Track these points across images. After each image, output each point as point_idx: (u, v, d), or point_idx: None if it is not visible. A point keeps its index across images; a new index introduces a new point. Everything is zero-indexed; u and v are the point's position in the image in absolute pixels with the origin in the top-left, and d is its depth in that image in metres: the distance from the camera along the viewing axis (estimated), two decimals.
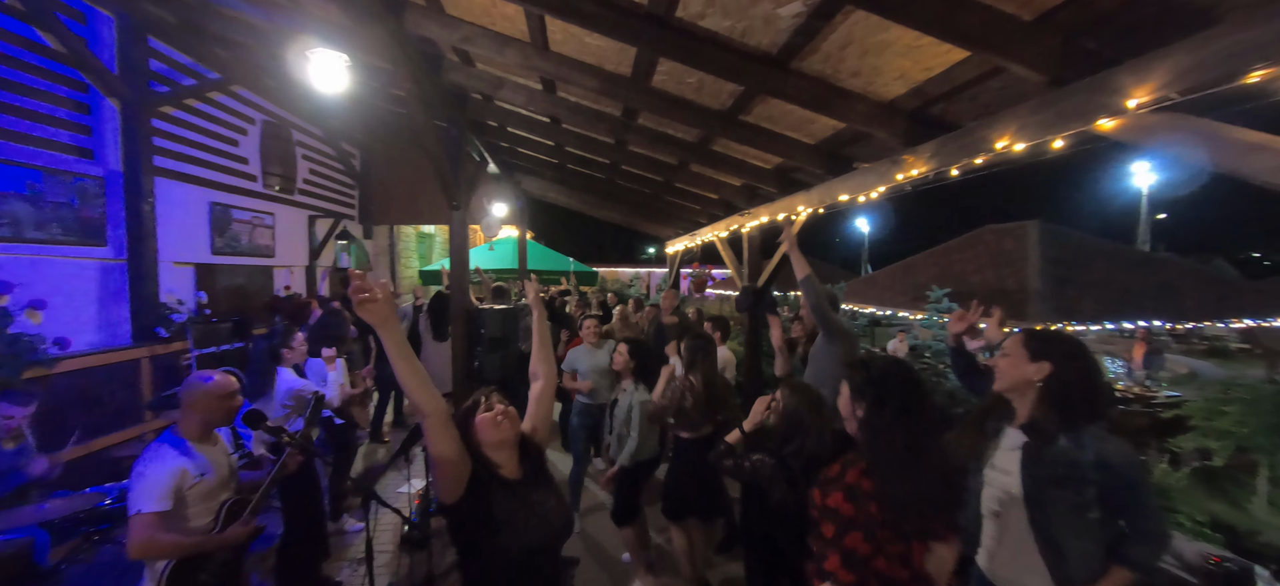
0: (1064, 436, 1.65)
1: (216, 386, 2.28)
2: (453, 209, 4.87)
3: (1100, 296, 7.59)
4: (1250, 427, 6.00)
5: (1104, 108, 1.81)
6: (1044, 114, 2.05)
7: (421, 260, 12.94)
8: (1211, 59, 1.52)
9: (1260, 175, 1.45)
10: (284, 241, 7.54)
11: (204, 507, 2.20)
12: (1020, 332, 1.83)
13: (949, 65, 2.45)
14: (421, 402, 1.46)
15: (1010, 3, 1.99)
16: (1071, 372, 1.69)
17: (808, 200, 4.01)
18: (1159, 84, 1.66)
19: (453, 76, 4.52)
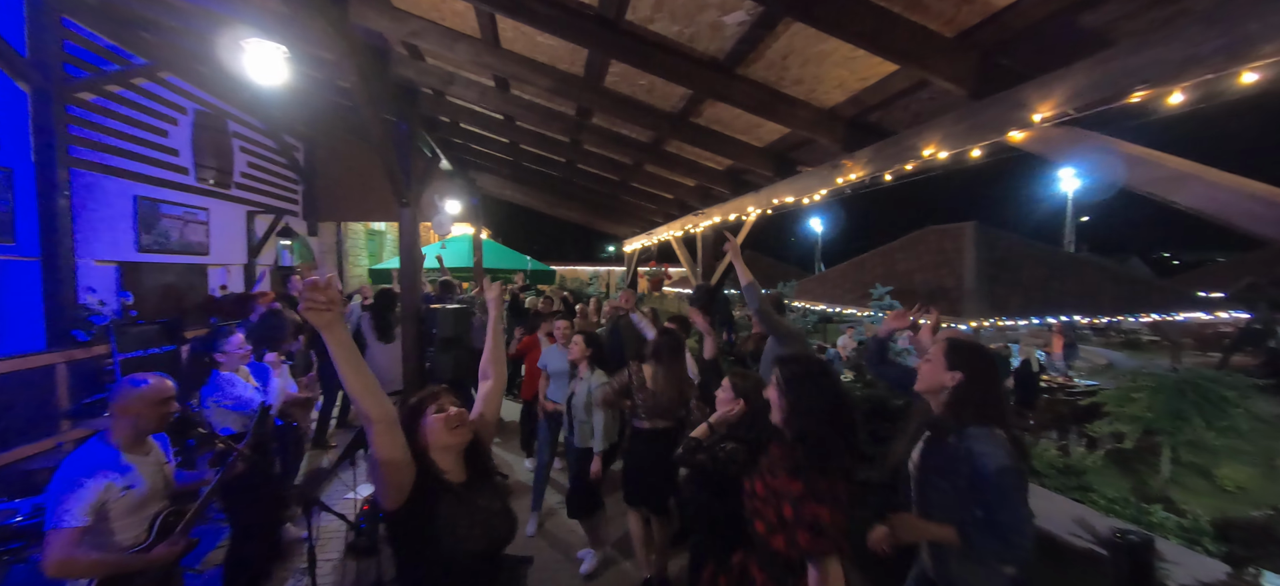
0: (953, 434, 1.81)
1: (149, 391, 2.16)
2: (402, 206, 4.75)
3: (1027, 294, 8.13)
4: (1156, 412, 6.59)
5: (1014, 121, 1.97)
6: (964, 125, 2.21)
7: (371, 258, 12.50)
8: (1103, 79, 1.69)
9: (1142, 185, 1.62)
10: (220, 238, 7.14)
11: (133, 521, 2.08)
12: (944, 342, 1.97)
13: (882, 76, 2.60)
14: (368, 408, 1.42)
15: (934, 20, 2.14)
16: (978, 383, 1.84)
17: (757, 201, 4.14)
18: (1059, 100, 1.82)
19: (402, 70, 4.41)
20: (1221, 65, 1.39)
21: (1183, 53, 1.48)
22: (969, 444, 1.75)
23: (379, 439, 1.44)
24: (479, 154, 7.40)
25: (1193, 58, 1.45)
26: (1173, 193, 1.54)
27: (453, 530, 1.55)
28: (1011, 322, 7.95)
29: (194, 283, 6.84)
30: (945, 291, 8.40)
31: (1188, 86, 1.49)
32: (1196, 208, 1.48)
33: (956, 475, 1.76)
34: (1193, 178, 1.49)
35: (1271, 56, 1.31)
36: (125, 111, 5.64)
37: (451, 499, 1.60)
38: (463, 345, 5.26)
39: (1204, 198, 1.46)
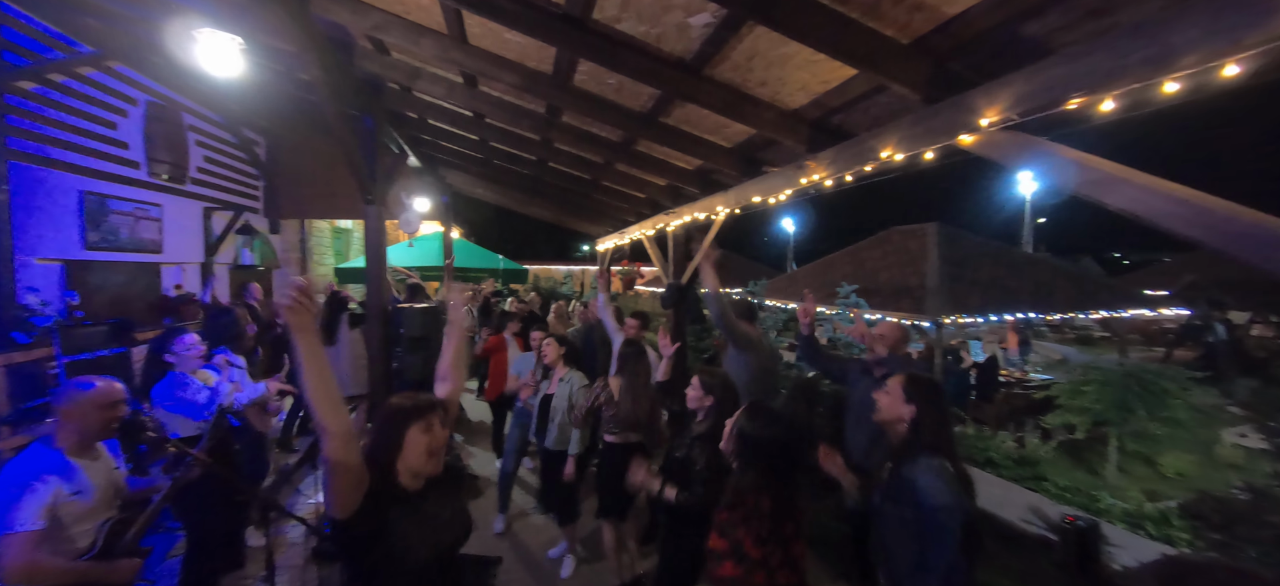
0: (907, 467, 1.94)
1: (97, 394, 2.08)
2: (367, 203, 4.65)
3: (986, 292, 8.44)
4: (1103, 404, 6.93)
5: (963, 125, 2.05)
6: (918, 128, 2.29)
7: (338, 257, 12.18)
8: (1042, 86, 1.78)
9: (1079, 187, 1.71)
10: (174, 236, 6.86)
11: (80, 529, 2.00)
12: (900, 376, 2.13)
13: (842, 79, 2.67)
14: (328, 420, 1.40)
15: (890, 27, 2.21)
16: (929, 415, 1.99)
17: (726, 201, 4.19)
18: (1003, 106, 1.91)
19: (366, 64, 4.32)
20: (1147, 75, 1.48)
21: (1112, 62, 1.57)
22: (916, 475, 1.88)
23: (336, 450, 1.41)
24: (448, 151, 7.28)
25: (1121, 67, 1.54)
26: (1105, 195, 1.63)
27: (405, 538, 1.54)
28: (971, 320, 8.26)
29: (147, 282, 6.55)
30: (909, 289, 8.65)
31: (1117, 95, 1.58)
32: (1126, 209, 1.57)
33: (904, 505, 1.89)
34: (1122, 181, 1.59)
35: (1191, 67, 1.40)
36: (70, 102, 5.37)
37: (404, 507, 1.58)
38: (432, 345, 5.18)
39: (1132, 199, 1.56)
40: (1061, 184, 1.79)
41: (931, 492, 1.81)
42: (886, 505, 1.98)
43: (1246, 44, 1.31)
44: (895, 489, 1.95)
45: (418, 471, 1.61)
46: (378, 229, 4.80)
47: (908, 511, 1.86)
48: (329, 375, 1.41)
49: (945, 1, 2.00)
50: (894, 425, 2.07)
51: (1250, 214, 1.36)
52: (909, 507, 1.86)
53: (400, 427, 1.60)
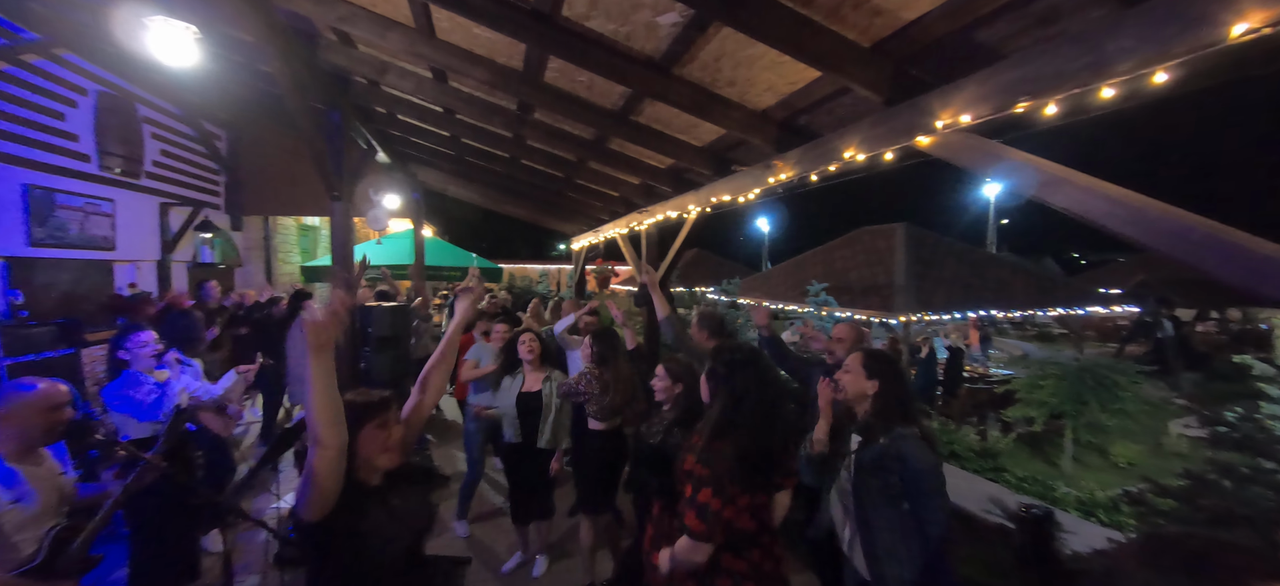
0: (884, 436, 2.01)
1: (38, 397, 1.99)
2: (333, 199, 4.54)
3: (950, 290, 8.71)
4: (1060, 397, 7.23)
5: (921, 127, 2.12)
6: (879, 129, 2.36)
7: (304, 255, 11.85)
8: (993, 91, 1.85)
9: (1026, 188, 1.79)
10: (128, 232, 6.58)
11: (23, 538, 1.91)
12: (858, 354, 2.20)
13: (808, 81, 2.72)
14: (329, 436, 1.40)
15: (851, 30, 2.27)
16: (892, 387, 2.08)
17: (697, 199, 4.23)
18: (957, 109, 1.98)
19: (332, 57, 4.22)
20: (1086, 80, 1.56)
21: (1055, 68, 1.64)
22: (899, 444, 1.95)
23: (327, 463, 1.42)
24: (419, 147, 7.16)
25: (1064, 73, 1.62)
26: (1050, 194, 1.71)
27: (375, 533, 1.55)
28: (936, 317, 8.51)
29: (98, 281, 6.28)
30: (877, 288, 8.87)
31: (1060, 99, 1.66)
32: (1068, 208, 1.65)
33: (889, 473, 1.95)
34: (1065, 181, 1.67)
35: (1126, 73, 1.48)
36: (13, 90, 5.11)
37: (372, 502, 1.59)
38: (400, 345, 5.09)
39: (1073, 199, 1.63)
40: (1011, 184, 1.86)
41: (918, 456, 1.89)
42: (865, 478, 2.02)
43: (1174, 52, 1.39)
44: (874, 460, 2.00)
45: (376, 466, 1.62)
46: (344, 226, 4.69)
47: (892, 479, 1.92)
48: (336, 392, 1.42)
49: (903, 7, 2.06)
50: (859, 402, 2.14)
51: (1180, 214, 1.44)
52: (894, 475, 1.92)
53: (354, 426, 1.57)
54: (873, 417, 2.07)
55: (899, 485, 1.91)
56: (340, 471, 1.47)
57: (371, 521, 1.55)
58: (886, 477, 1.94)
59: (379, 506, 1.59)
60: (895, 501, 1.93)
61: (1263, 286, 1.32)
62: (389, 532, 1.57)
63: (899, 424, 1.99)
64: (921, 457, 1.90)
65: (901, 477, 1.91)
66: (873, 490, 1.99)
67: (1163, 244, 1.46)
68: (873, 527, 1.99)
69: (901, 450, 1.92)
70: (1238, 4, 1.25)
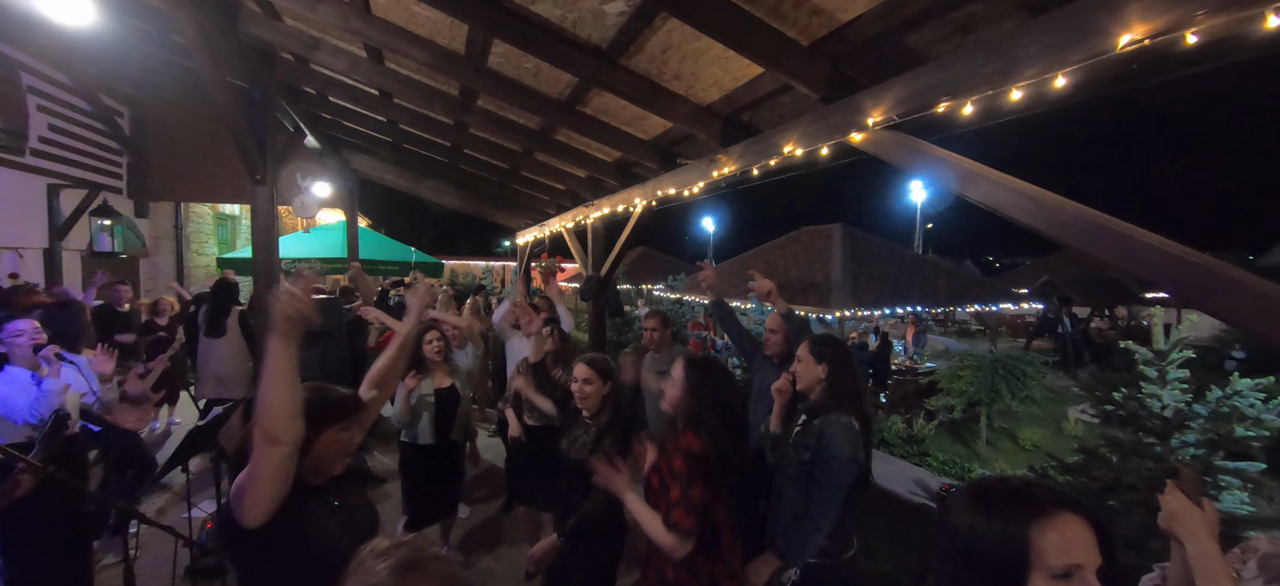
0: (819, 417, 2.04)
1: None
2: (256, 183, 4.23)
3: (881, 288, 9.21)
4: (976, 387, 7.82)
5: (854, 124, 2.23)
6: (816, 126, 2.46)
7: (222, 246, 10.96)
8: (917, 91, 1.98)
9: (944, 182, 1.92)
10: (8, 215, 5.85)
11: None
12: (808, 341, 2.20)
13: (751, 77, 2.80)
14: (282, 431, 1.27)
15: (791, 28, 2.35)
16: (840, 371, 2.09)
17: (643, 192, 4.26)
18: (886, 108, 2.10)
19: (254, 29, 3.93)
20: (998, 83, 1.70)
21: (971, 72, 1.78)
22: (824, 426, 1.98)
23: (280, 464, 1.29)
24: (353, 132, 6.79)
25: (977, 77, 1.75)
26: (967, 189, 1.85)
27: (321, 535, 1.44)
28: (869, 313, 8.99)
29: None
30: (816, 285, 9.26)
31: (975, 100, 1.79)
32: (983, 201, 1.79)
33: (804, 450, 2.00)
34: (981, 177, 1.81)
35: (1032, 78, 1.62)
36: None
37: (317, 502, 1.48)
38: (331, 340, 4.82)
39: (987, 193, 1.78)
40: (935, 179, 1.99)
41: (832, 443, 1.93)
42: (789, 450, 2.08)
43: (1072, 59, 1.54)
44: (800, 438, 2.05)
45: (326, 472, 1.51)
46: (268, 213, 4.39)
47: (805, 455, 1.98)
48: (297, 387, 1.30)
49: (840, 8, 2.16)
50: (812, 389, 2.12)
51: (1077, 208, 1.59)
52: (807, 452, 1.97)
53: (318, 426, 1.46)
54: (822, 400, 2.08)
55: (809, 464, 1.97)
56: (290, 472, 1.34)
57: (315, 523, 1.44)
58: (801, 453, 2.00)
59: (323, 508, 1.48)
60: (803, 479, 1.98)
61: (1142, 270, 1.49)
62: (335, 536, 1.46)
63: (836, 409, 2.01)
64: (838, 444, 1.93)
65: (813, 456, 1.95)
66: (789, 464, 2.05)
67: (1062, 233, 1.61)
68: (781, 498, 2.06)
69: (823, 431, 1.96)
70: (1124, 17, 1.39)
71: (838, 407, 2.01)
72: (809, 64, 2.41)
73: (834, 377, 2.07)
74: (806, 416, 2.13)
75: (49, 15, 2.89)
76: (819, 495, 1.93)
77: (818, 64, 2.42)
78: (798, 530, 1.95)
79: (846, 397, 2.06)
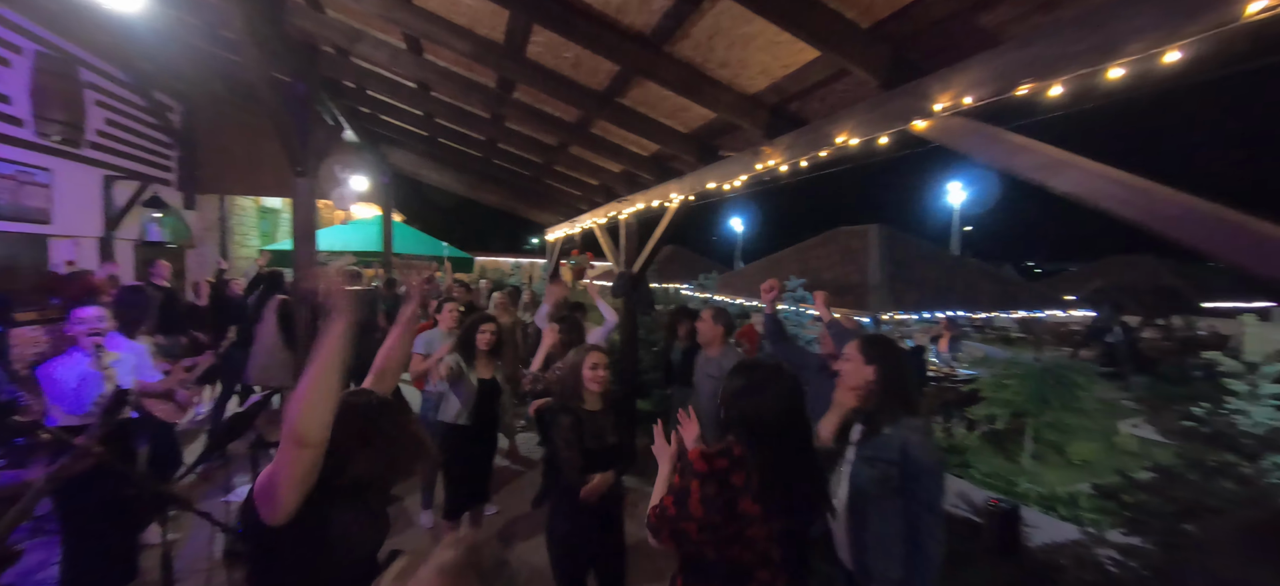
0: (888, 427, 1.90)
1: None
2: (297, 175, 4.28)
3: (921, 290, 8.89)
4: (1023, 397, 7.46)
5: (918, 111, 2.08)
6: (874, 114, 2.31)
7: (264, 238, 11.30)
8: (994, 74, 1.81)
9: (1023, 171, 1.76)
10: (66, 205, 6.10)
11: None
12: (858, 341, 2.07)
13: (802, 63, 2.66)
14: (312, 432, 1.21)
15: (851, 9, 2.21)
16: (892, 373, 1.96)
17: (681, 187, 4.15)
18: (957, 92, 1.94)
19: (299, 21, 3.97)
20: (1093, 61, 1.53)
21: (1061, 51, 1.61)
22: (903, 434, 1.84)
23: (302, 462, 1.24)
24: (391, 126, 6.88)
25: (1069, 55, 1.59)
26: (1051, 178, 1.68)
27: (342, 540, 1.41)
28: (907, 316, 8.68)
29: (31, 256, 5.80)
30: (852, 287, 8.99)
31: (1065, 80, 1.63)
32: (1072, 192, 1.63)
33: (889, 464, 1.84)
34: (1069, 165, 1.64)
35: (1134, 54, 1.45)
36: None
37: (340, 506, 1.43)
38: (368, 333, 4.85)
39: (1077, 183, 1.61)
40: (1009, 168, 1.83)
41: (921, 454, 1.79)
42: (863, 467, 1.92)
43: (1186, 32, 1.37)
44: (874, 451, 1.90)
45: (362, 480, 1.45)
46: (308, 204, 4.44)
47: (891, 471, 1.82)
48: (336, 389, 1.26)
49: None
50: (861, 391, 2.00)
51: (1185, 197, 1.42)
52: (894, 468, 1.81)
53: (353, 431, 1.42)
54: (875, 406, 1.96)
55: (897, 479, 1.83)
56: (315, 475, 1.29)
57: (338, 527, 1.40)
58: (886, 468, 1.85)
59: (346, 510, 1.43)
60: (891, 494, 1.84)
61: (1264, 266, 1.31)
62: (355, 539, 1.44)
63: (903, 412, 1.89)
64: (925, 452, 1.81)
65: (902, 471, 1.82)
66: (868, 481, 1.90)
67: (1169, 227, 1.43)
68: (864, 520, 1.91)
69: (905, 441, 1.83)
70: None
71: (903, 411, 1.88)
72: (869, 47, 2.27)
73: (886, 379, 1.94)
74: (866, 425, 1.98)
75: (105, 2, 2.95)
76: (924, 520, 1.77)
77: (878, 47, 2.27)
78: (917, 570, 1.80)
79: (902, 399, 1.94)
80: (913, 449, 1.81)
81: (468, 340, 3.45)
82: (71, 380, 2.54)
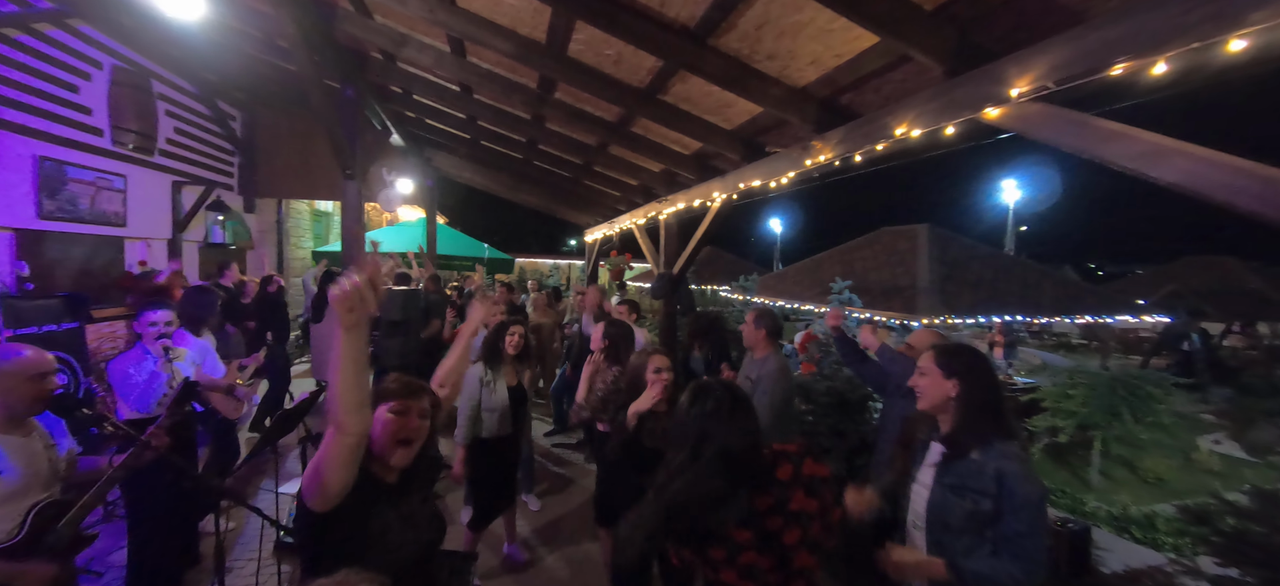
0: (976, 450, 1.67)
1: (20, 364, 1.84)
2: (346, 177, 4.40)
3: (975, 293, 8.43)
4: (1090, 408, 6.95)
5: (991, 97, 1.91)
6: (939, 102, 2.15)
7: (317, 240, 11.79)
8: (1082, 53, 1.64)
9: (1118, 160, 1.58)
10: (139, 209, 6.49)
11: (3, 512, 1.78)
12: (933, 351, 1.85)
13: (857, 52, 2.52)
14: (350, 421, 1.26)
15: None
16: (979, 387, 1.72)
17: (724, 186, 4.04)
18: (1038, 75, 1.77)
19: (348, 28, 4.07)
20: (1210, 33, 1.35)
21: (1168, 22, 1.43)
22: (998, 463, 1.61)
23: (343, 451, 1.28)
24: (434, 130, 7.02)
25: (1179, 27, 1.41)
26: (1151, 167, 1.50)
27: (383, 538, 1.42)
28: (960, 321, 8.24)
29: (108, 257, 6.20)
30: (900, 289, 8.61)
31: (1172, 56, 1.45)
32: (1177, 182, 1.44)
33: (981, 495, 1.62)
34: (1174, 152, 1.46)
35: (1261, 22, 1.27)
36: (26, 60, 5.01)
37: (385, 503, 1.46)
38: (411, 331, 4.95)
39: (1185, 172, 1.43)
40: (1101, 157, 1.65)
41: (1021, 482, 1.57)
42: (947, 496, 1.70)
43: None
44: (960, 478, 1.68)
45: (386, 456, 1.47)
46: (356, 206, 4.56)
47: (985, 503, 1.60)
48: (365, 377, 1.28)
49: None
50: (942, 408, 1.77)
51: None
52: (988, 499, 1.59)
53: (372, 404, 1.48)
54: (959, 426, 1.72)
55: (991, 511, 1.59)
56: (356, 462, 1.33)
57: (381, 523, 1.43)
58: (976, 499, 1.61)
59: (391, 508, 1.46)
60: (983, 527, 1.61)
61: None
62: (398, 538, 1.45)
63: (995, 435, 1.65)
64: (1025, 484, 1.56)
65: (996, 503, 1.58)
66: (954, 512, 1.67)
67: None
68: (951, 557, 1.65)
69: (1001, 470, 1.59)
70: None
71: (996, 434, 1.65)
72: (933, 31, 2.11)
73: (971, 395, 1.69)
74: (949, 447, 1.74)
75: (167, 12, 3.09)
76: (1024, 548, 1.53)
77: (943, 31, 2.11)
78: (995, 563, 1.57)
79: (993, 419, 1.68)
80: (1011, 480, 1.56)
81: (494, 345, 3.27)
82: (140, 377, 2.66)
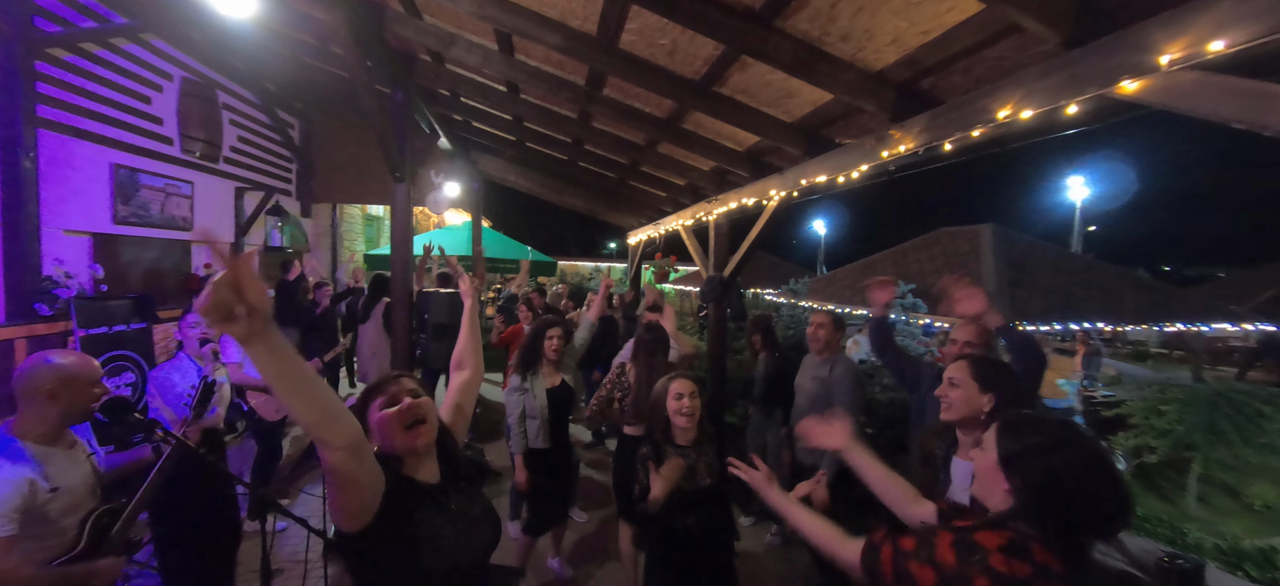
0: None
1: (67, 369, 1.80)
2: (396, 180, 4.39)
3: (1048, 298, 7.81)
4: (1186, 426, 6.25)
5: (1131, 67, 1.62)
6: (1056, 78, 1.86)
7: (368, 244, 12.14)
8: (1268, 5, 1.34)
9: None
10: (204, 214, 6.77)
11: (59, 527, 1.74)
12: (966, 361, 1.79)
13: (946, 28, 2.24)
14: (326, 433, 1.07)
15: None
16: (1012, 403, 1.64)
17: (782, 183, 3.79)
18: (1195, 39, 1.47)
19: (398, 29, 4.05)
20: None
21: None
22: None
23: (340, 464, 1.12)
24: (480, 133, 7.04)
25: None
26: None
27: (435, 542, 1.29)
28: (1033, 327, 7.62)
29: (177, 260, 6.48)
30: None
31: None
32: None
33: None
34: None
35: None
36: (103, 73, 5.27)
37: (430, 505, 1.33)
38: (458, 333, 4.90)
39: None
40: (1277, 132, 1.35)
41: None
42: None
43: None
44: None
45: (409, 449, 1.35)
46: (405, 209, 4.54)
47: None
48: (309, 384, 1.03)
49: None
50: (969, 425, 1.73)
51: None
52: None
53: (361, 411, 1.39)
54: None
55: None
56: (363, 472, 1.18)
57: (425, 527, 1.29)
58: None
59: (434, 510, 1.33)
60: None
61: None
62: (447, 543, 1.30)
63: None
64: None
65: None
66: None
67: None
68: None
69: None
70: None
71: None
72: None
73: None
74: None
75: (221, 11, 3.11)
76: None
77: None
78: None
79: None
80: None
81: (533, 350, 3.15)
82: (180, 383, 2.60)
